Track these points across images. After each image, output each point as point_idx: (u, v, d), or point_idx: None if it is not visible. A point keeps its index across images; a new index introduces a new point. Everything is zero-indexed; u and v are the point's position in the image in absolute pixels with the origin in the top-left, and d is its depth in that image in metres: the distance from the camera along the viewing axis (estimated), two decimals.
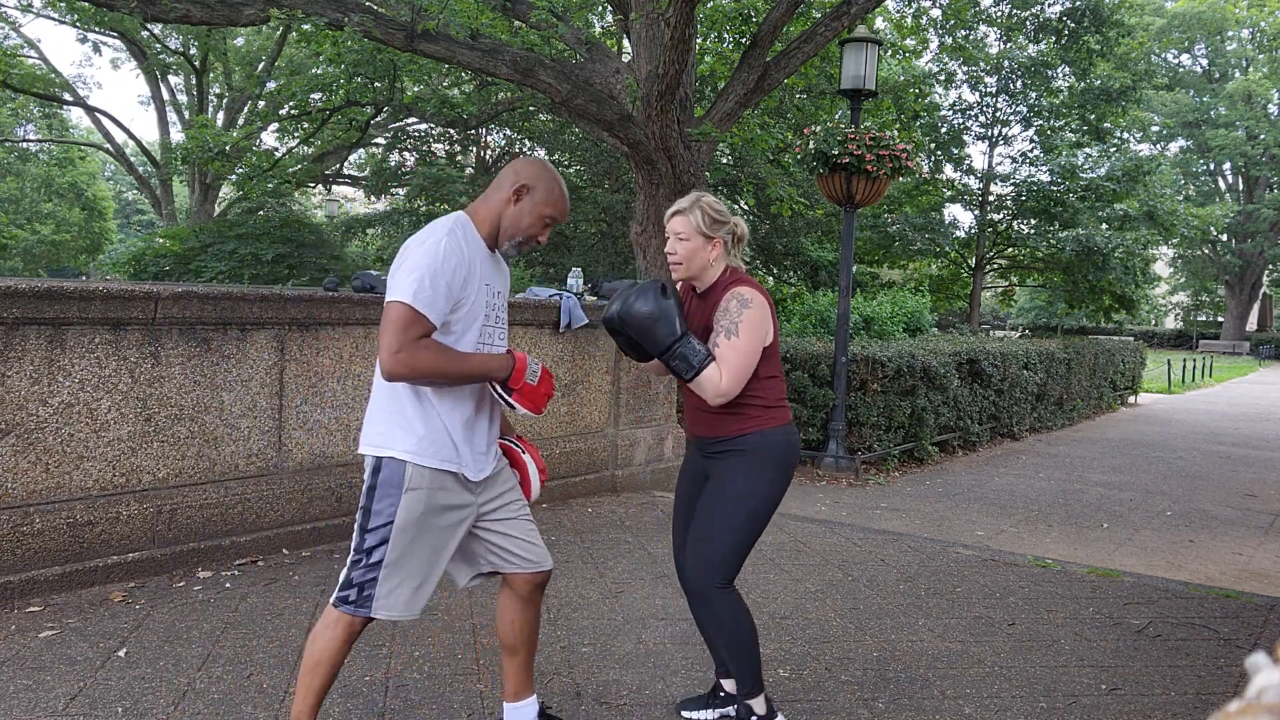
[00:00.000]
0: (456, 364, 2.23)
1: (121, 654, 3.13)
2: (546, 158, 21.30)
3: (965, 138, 21.22)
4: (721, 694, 2.88)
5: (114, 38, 20.21)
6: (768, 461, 2.59)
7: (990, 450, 9.42)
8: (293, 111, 17.35)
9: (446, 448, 2.30)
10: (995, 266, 22.16)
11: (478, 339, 2.34)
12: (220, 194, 23.40)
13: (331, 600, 2.34)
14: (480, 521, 2.44)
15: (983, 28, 18.78)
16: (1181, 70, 39.76)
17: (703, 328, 2.63)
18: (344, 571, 2.33)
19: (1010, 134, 21.42)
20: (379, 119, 17.97)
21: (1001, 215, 21.00)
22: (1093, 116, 19.58)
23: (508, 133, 21.11)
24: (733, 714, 2.81)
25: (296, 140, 18.86)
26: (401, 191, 21.37)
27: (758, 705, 2.66)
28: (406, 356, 2.15)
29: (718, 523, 2.58)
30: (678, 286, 2.75)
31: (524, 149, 21.97)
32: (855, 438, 7.66)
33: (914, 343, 9.14)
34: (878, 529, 5.62)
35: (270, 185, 16.78)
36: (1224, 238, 38.62)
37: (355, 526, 2.32)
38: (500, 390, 2.33)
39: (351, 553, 2.32)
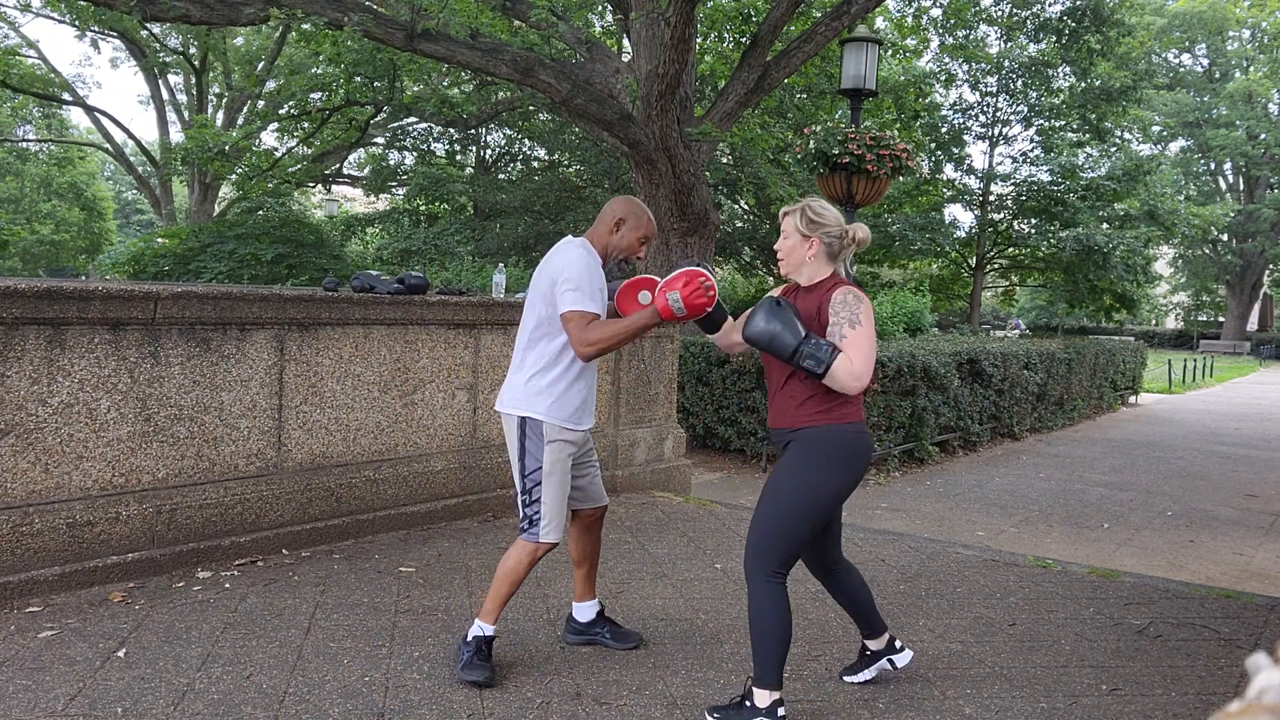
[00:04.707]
0: (619, 331, 2.92)
1: (121, 654, 3.13)
2: (548, 157, 21.31)
3: (965, 137, 21.20)
4: (867, 653, 3.13)
5: (113, 37, 20.21)
6: (823, 455, 2.72)
7: (990, 450, 9.41)
8: (292, 111, 17.37)
9: (568, 417, 3.02)
10: (996, 266, 22.15)
11: None
12: (220, 194, 23.41)
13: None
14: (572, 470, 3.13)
15: (983, 27, 18.78)
16: (1182, 70, 39.72)
17: (804, 320, 2.75)
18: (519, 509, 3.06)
19: (1010, 134, 21.40)
20: (379, 119, 17.97)
21: (1002, 215, 20.99)
22: (1093, 116, 19.57)
23: (508, 132, 21.11)
24: (888, 667, 3.13)
25: (296, 140, 18.86)
26: (401, 191, 21.36)
27: (760, 697, 2.71)
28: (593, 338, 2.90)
29: (768, 512, 2.74)
30: (783, 290, 3.00)
31: (524, 149, 21.97)
32: None
33: (914, 343, 9.14)
34: (878, 529, 5.61)
35: (270, 185, 16.78)
36: (1224, 237, 38.60)
37: (516, 472, 3.04)
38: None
39: (519, 494, 3.04)
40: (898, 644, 3.11)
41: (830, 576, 3.03)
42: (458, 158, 22.02)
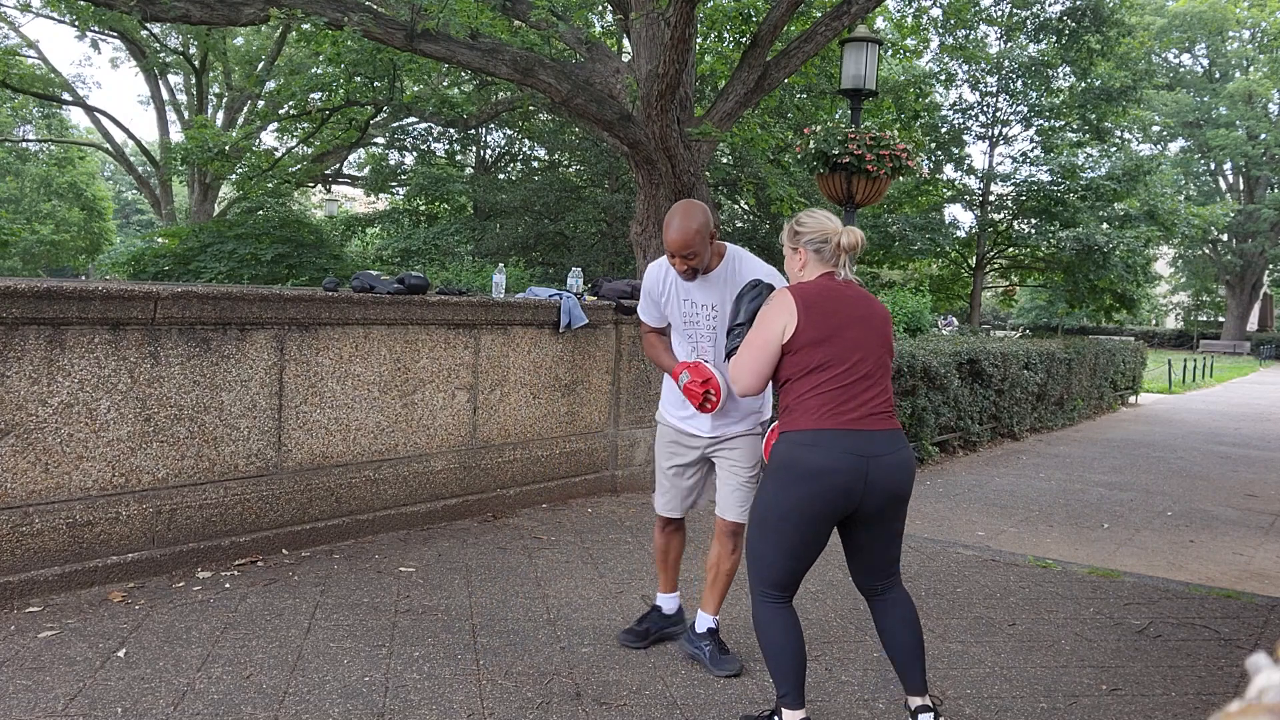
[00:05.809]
0: (654, 356, 3.37)
1: (121, 654, 3.13)
2: (548, 157, 21.31)
3: (965, 137, 21.21)
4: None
5: (113, 37, 20.20)
6: (773, 468, 2.66)
7: (991, 450, 9.41)
8: (292, 111, 17.36)
9: (668, 410, 3.35)
10: (996, 266, 22.15)
11: (681, 335, 3.25)
12: (220, 194, 23.40)
13: None
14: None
15: (983, 27, 18.77)
16: (1182, 70, 39.73)
17: None
18: None
19: (1011, 134, 21.40)
20: (379, 119, 17.97)
21: (1002, 215, 20.99)
22: (1093, 116, 19.57)
23: (508, 132, 21.12)
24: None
25: (296, 140, 18.85)
26: (401, 191, 21.37)
27: (786, 718, 2.62)
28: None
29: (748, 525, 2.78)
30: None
31: (524, 149, 21.98)
32: None
33: (914, 343, 9.13)
34: None
35: (270, 185, 16.77)
36: (1224, 237, 38.60)
37: None
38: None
39: None
40: (923, 718, 2.67)
41: (869, 602, 2.81)
42: (458, 158, 22.02)
